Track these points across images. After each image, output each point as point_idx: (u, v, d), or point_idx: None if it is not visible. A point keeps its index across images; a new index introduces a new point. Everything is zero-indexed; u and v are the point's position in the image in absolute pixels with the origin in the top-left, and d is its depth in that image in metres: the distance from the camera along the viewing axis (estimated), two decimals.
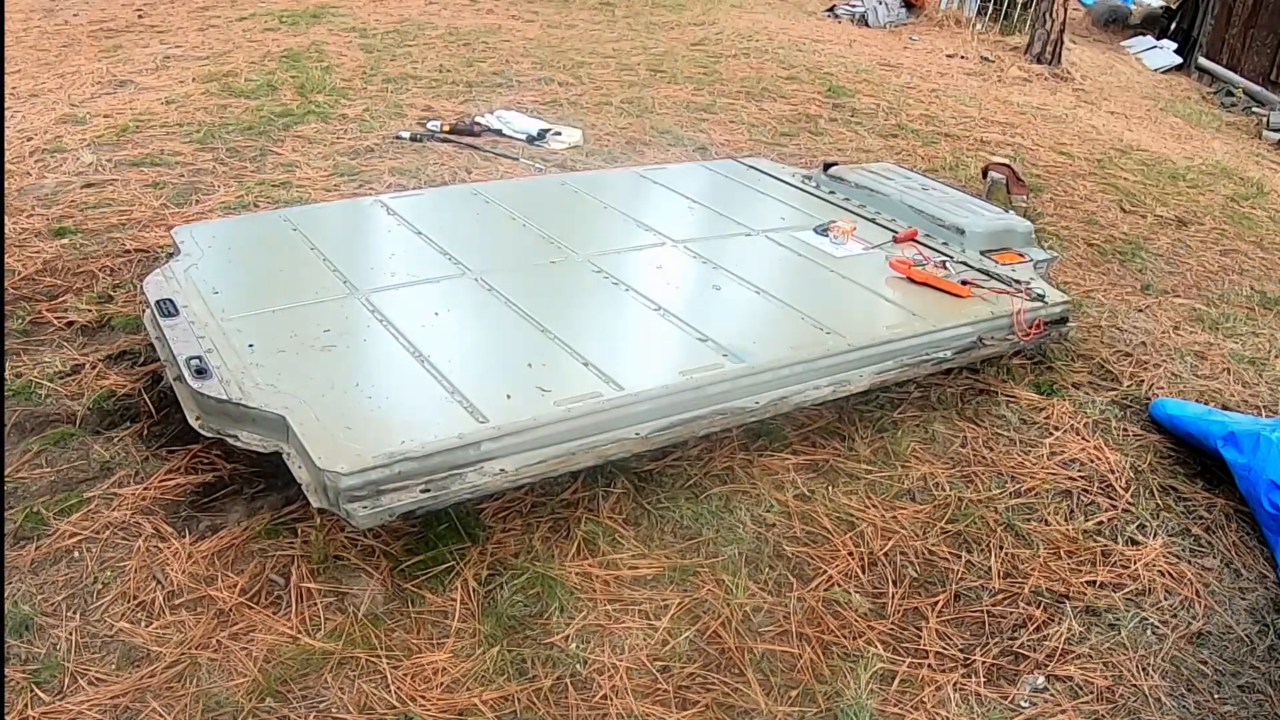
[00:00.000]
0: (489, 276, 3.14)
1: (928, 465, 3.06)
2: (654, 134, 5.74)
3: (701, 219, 3.93)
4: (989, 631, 2.50)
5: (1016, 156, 6.02)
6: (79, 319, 3.35)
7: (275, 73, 6.11)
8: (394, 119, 5.55)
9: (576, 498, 2.75)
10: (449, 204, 3.94)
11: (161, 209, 4.20)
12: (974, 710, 2.28)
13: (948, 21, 10.34)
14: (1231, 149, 7.42)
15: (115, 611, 2.29)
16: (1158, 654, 2.48)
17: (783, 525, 2.75)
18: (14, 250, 3.74)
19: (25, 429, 2.82)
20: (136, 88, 5.72)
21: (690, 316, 3.01)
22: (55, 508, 2.54)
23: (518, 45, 7.45)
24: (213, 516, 2.59)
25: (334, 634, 2.27)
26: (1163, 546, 2.82)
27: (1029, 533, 2.83)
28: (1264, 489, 2.85)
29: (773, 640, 2.40)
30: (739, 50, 8.02)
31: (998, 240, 3.82)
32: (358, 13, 7.91)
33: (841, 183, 4.29)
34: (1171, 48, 10.70)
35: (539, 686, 2.20)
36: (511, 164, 5.04)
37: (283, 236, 3.36)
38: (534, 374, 2.62)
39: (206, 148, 4.89)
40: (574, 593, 2.45)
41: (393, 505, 2.21)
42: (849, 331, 3.03)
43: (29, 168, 4.49)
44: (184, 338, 2.68)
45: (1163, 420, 3.32)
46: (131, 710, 2.06)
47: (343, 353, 2.68)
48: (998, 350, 3.33)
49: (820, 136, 6.10)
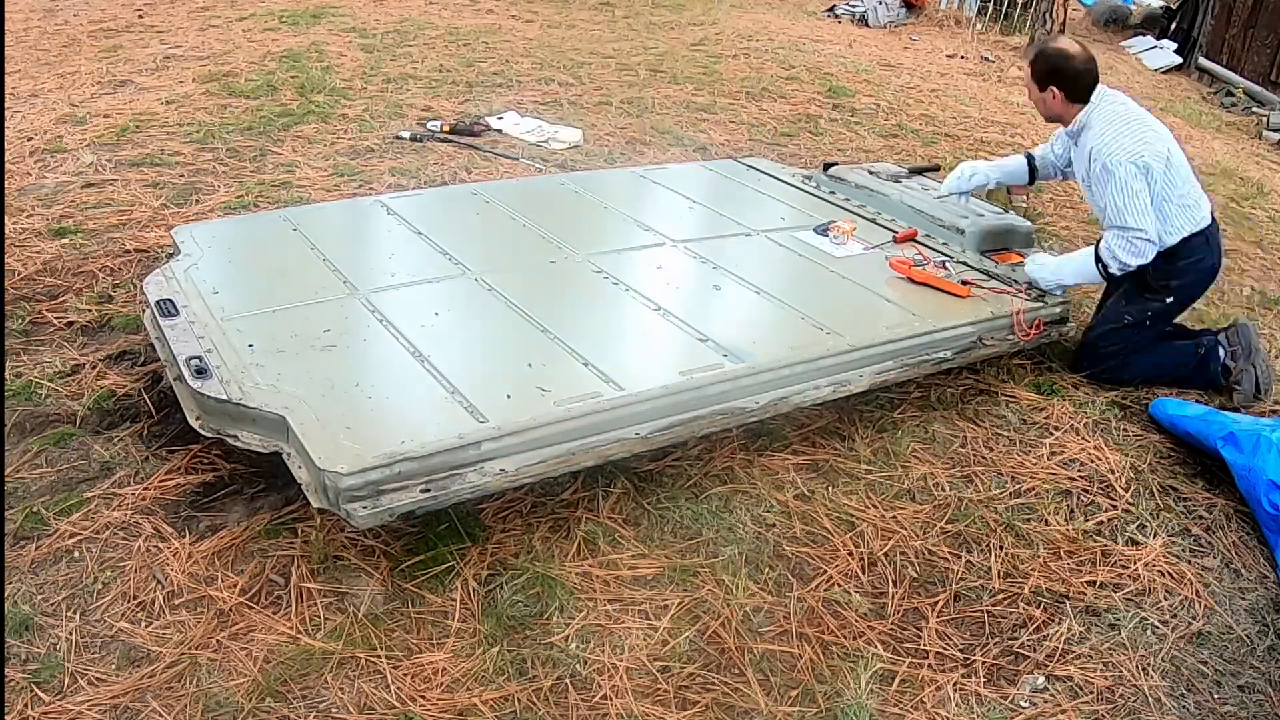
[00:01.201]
0: (489, 276, 3.14)
1: (928, 465, 3.06)
2: (654, 134, 5.74)
3: (701, 219, 3.93)
4: (989, 631, 2.51)
5: None
6: (79, 319, 3.35)
7: (275, 73, 6.11)
8: (394, 119, 5.55)
9: (576, 498, 2.75)
10: (449, 204, 3.94)
11: (161, 209, 4.20)
12: (974, 710, 2.28)
13: (948, 21, 10.34)
14: (1231, 149, 7.42)
15: (115, 611, 2.29)
16: (1158, 654, 2.48)
17: (783, 525, 2.75)
18: (14, 250, 3.74)
19: (25, 429, 2.82)
20: (136, 88, 5.73)
21: (690, 316, 3.01)
22: (55, 508, 2.54)
23: (518, 45, 7.45)
24: (213, 516, 2.59)
25: (334, 634, 2.27)
26: (1163, 546, 2.83)
27: (1029, 533, 2.83)
28: (1264, 489, 2.85)
29: (773, 640, 2.40)
30: (739, 50, 8.02)
31: (998, 240, 3.83)
32: (358, 13, 7.90)
33: (841, 183, 4.29)
34: (1171, 48, 10.69)
35: (539, 686, 2.20)
36: (511, 164, 5.04)
37: (283, 236, 3.36)
38: (534, 374, 2.62)
39: (206, 148, 4.89)
40: (574, 593, 2.45)
41: (393, 505, 2.21)
42: (849, 331, 3.03)
43: (29, 168, 4.49)
44: (184, 338, 2.68)
45: (1163, 420, 3.32)
46: (131, 710, 2.06)
47: (343, 353, 2.68)
48: (998, 350, 3.33)
49: (820, 136, 6.11)
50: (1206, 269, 3.45)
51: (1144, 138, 3.29)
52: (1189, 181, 3.36)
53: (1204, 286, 3.54)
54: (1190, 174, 3.38)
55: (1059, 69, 3.35)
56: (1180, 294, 3.45)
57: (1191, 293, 3.51)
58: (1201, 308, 4.28)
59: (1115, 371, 3.51)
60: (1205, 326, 3.87)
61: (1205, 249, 3.39)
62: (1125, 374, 3.51)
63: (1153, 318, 3.45)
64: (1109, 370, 3.51)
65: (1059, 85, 3.35)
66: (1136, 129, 3.31)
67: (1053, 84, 3.36)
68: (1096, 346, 3.52)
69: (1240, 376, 3.47)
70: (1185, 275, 3.40)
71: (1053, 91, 3.36)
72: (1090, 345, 3.54)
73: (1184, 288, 3.43)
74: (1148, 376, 3.53)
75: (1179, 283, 3.41)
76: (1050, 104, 3.40)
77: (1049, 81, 3.36)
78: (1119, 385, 3.51)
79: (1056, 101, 3.38)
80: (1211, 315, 4.22)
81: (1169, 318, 3.52)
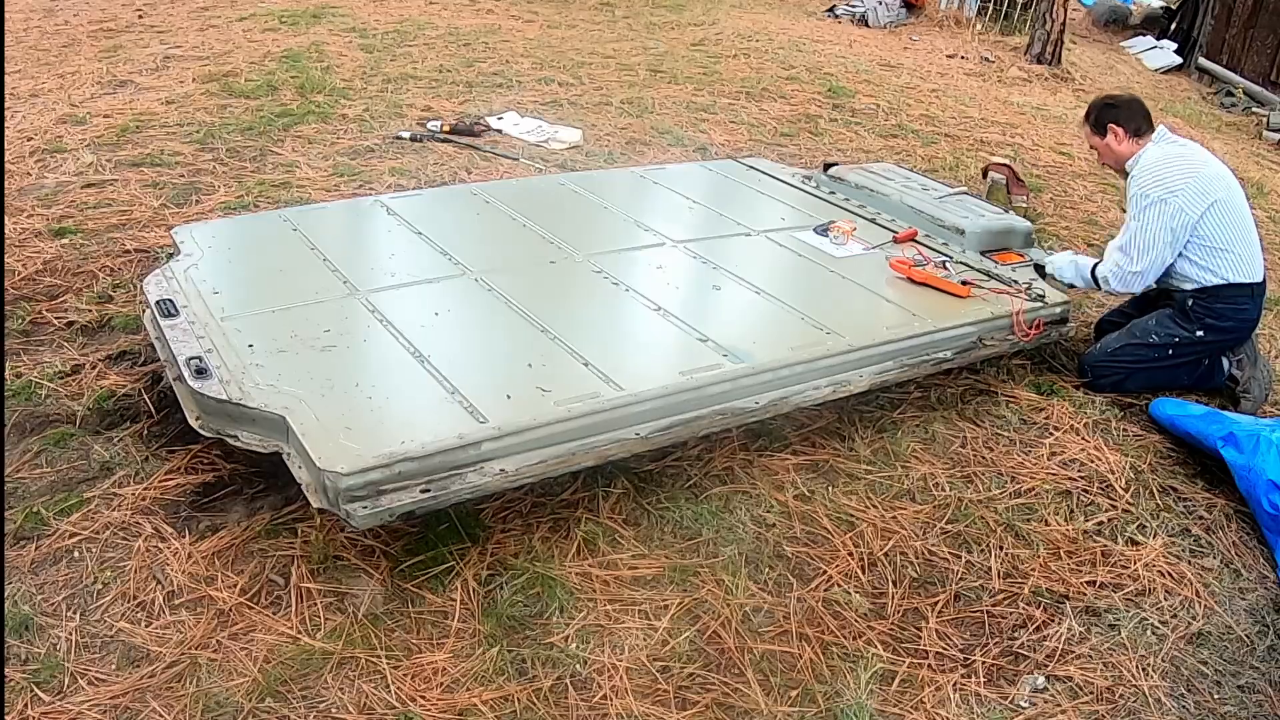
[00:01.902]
0: (489, 276, 3.14)
1: (928, 465, 3.06)
2: (654, 134, 5.74)
3: (701, 219, 3.93)
4: (989, 631, 2.51)
5: (1016, 157, 6.02)
6: (79, 319, 3.35)
7: (275, 73, 6.12)
8: (394, 119, 5.55)
9: (576, 498, 2.75)
10: (449, 204, 3.94)
11: (161, 209, 4.20)
12: (974, 710, 2.28)
13: (948, 21, 10.34)
14: (1231, 149, 7.42)
15: (115, 611, 2.29)
16: (1158, 654, 2.48)
17: (782, 525, 2.75)
18: (14, 250, 3.74)
19: (25, 429, 2.82)
20: (136, 88, 5.73)
21: (690, 316, 3.01)
22: (55, 508, 2.54)
23: (518, 45, 7.45)
24: (213, 516, 2.59)
25: (334, 634, 2.27)
26: (1163, 547, 2.83)
27: (1029, 533, 2.83)
28: (1264, 489, 2.85)
29: (772, 640, 2.40)
30: (739, 50, 8.03)
31: (998, 240, 3.83)
32: (358, 13, 7.91)
33: (841, 183, 4.29)
34: (1171, 48, 10.70)
35: (539, 686, 2.20)
36: (511, 164, 5.04)
37: (283, 236, 3.36)
38: (534, 374, 2.62)
39: (206, 148, 4.89)
40: (574, 593, 2.45)
41: (392, 505, 2.21)
42: (849, 331, 3.03)
43: (29, 168, 4.49)
44: (184, 338, 2.68)
45: (1163, 420, 3.32)
46: (131, 710, 2.06)
47: (343, 353, 2.68)
48: (998, 350, 3.33)
49: (820, 136, 6.11)
50: (1245, 320, 3.45)
51: (1189, 176, 3.30)
52: (1244, 231, 3.37)
53: (1236, 336, 3.49)
54: (1250, 226, 3.40)
55: (1110, 104, 3.49)
56: (1212, 333, 3.42)
57: (1223, 336, 3.45)
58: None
59: (1119, 385, 3.50)
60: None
61: (1250, 302, 3.41)
62: (1128, 385, 3.51)
63: (1176, 347, 3.44)
64: (1115, 384, 3.50)
65: (1115, 121, 3.41)
66: (1185, 166, 3.33)
67: (1109, 121, 3.43)
68: (1112, 359, 3.50)
69: (1249, 385, 3.48)
70: (1225, 319, 3.40)
71: (1113, 131, 3.42)
72: (1105, 357, 3.51)
73: (1219, 329, 3.41)
74: (1152, 388, 3.52)
75: (1216, 322, 3.40)
76: (1116, 147, 3.44)
77: (1105, 119, 3.44)
78: (1118, 394, 3.51)
79: (1120, 141, 3.42)
80: None
81: (1190, 352, 3.47)
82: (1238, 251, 3.34)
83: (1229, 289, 3.35)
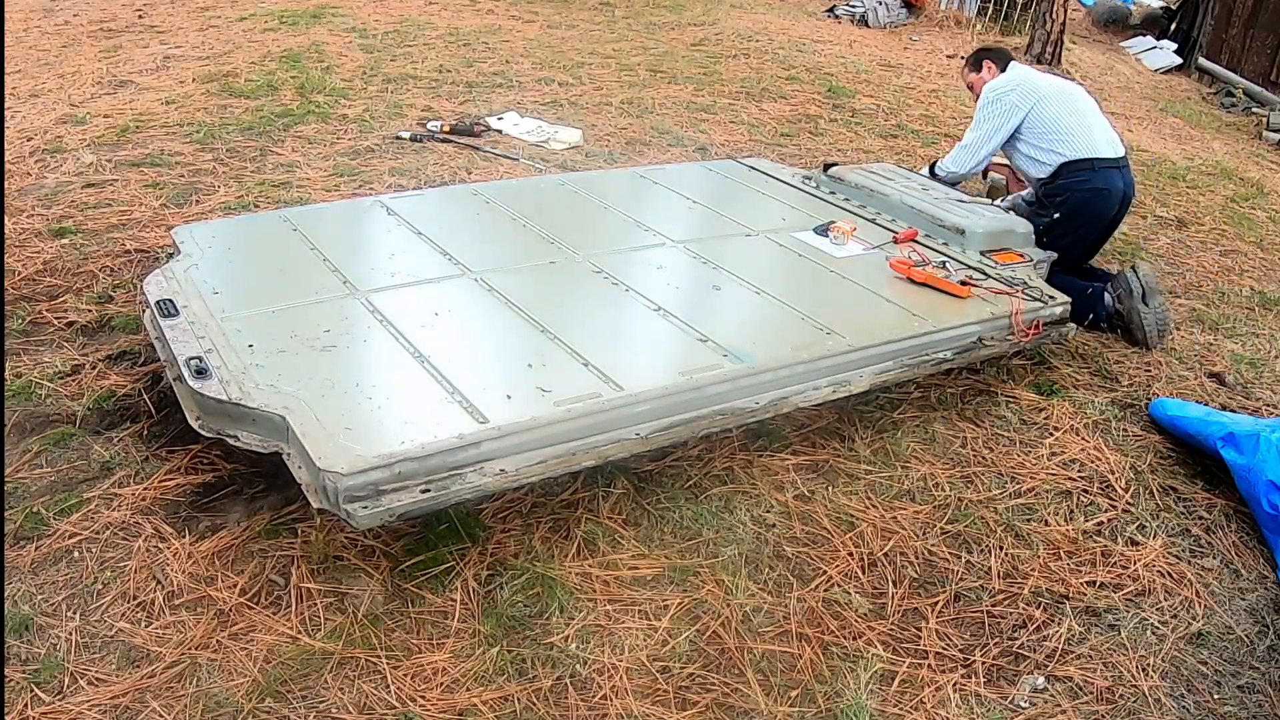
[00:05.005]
0: (489, 276, 3.14)
1: (928, 465, 3.06)
2: (654, 134, 5.74)
3: (701, 219, 3.93)
4: (989, 632, 2.51)
5: None
6: (79, 319, 3.35)
7: (275, 73, 6.12)
8: (394, 119, 5.55)
9: (576, 498, 2.75)
10: (449, 204, 3.94)
11: (161, 209, 4.20)
12: (974, 710, 2.28)
13: (948, 22, 10.35)
14: (1231, 149, 7.42)
15: (115, 611, 2.29)
16: (1157, 654, 2.48)
17: (782, 525, 2.75)
18: (14, 250, 3.74)
19: (25, 429, 2.82)
20: (136, 88, 5.73)
21: (690, 316, 3.01)
22: (55, 508, 2.54)
23: (518, 45, 7.45)
24: (213, 516, 2.59)
25: (334, 634, 2.27)
26: (1163, 547, 2.83)
27: (1029, 533, 2.83)
28: (1264, 489, 2.85)
29: (772, 640, 2.40)
30: (739, 50, 8.03)
31: (998, 240, 3.82)
32: (358, 13, 7.91)
33: (841, 183, 4.29)
34: (1171, 48, 10.70)
35: (539, 686, 2.21)
36: (511, 164, 5.04)
37: (283, 236, 3.36)
38: (534, 374, 2.62)
39: (206, 148, 4.89)
40: (574, 593, 2.45)
41: (393, 506, 2.21)
42: (849, 332, 3.03)
43: (29, 168, 4.50)
44: (184, 338, 2.68)
45: (1162, 421, 3.32)
46: (131, 710, 2.06)
47: (343, 353, 2.68)
48: (998, 350, 3.33)
49: (820, 137, 6.11)
50: (1090, 190, 3.94)
51: (1019, 83, 4.05)
52: (1077, 115, 4.00)
53: (1094, 207, 3.97)
54: (1084, 111, 4.04)
55: (986, 48, 4.45)
56: (1065, 209, 3.95)
57: (1078, 211, 3.94)
58: (1201, 308, 4.29)
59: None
60: (1211, 328, 4.10)
61: (1091, 174, 3.94)
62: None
63: (1045, 232, 3.94)
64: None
65: (989, 59, 4.28)
66: (1018, 76, 4.09)
67: (984, 59, 4.30)
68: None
69: (1130, 315, 3.80)
70: (1069, 192, 3.95)
71: (988, 66, 4.25)
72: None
73: (1070, 205, 3.94)
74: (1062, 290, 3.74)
75: (1061, 198, 3.97)
76: (987, 78, 4.21)
77: (981, 58, 4.32)
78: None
79: (991, 73, 4.22)
80: (1211, 315, 4.23)
81: (1061, 236, 3.93)
82: (1071, 133, 3.95)
83: (1067, 166, 3.95)
